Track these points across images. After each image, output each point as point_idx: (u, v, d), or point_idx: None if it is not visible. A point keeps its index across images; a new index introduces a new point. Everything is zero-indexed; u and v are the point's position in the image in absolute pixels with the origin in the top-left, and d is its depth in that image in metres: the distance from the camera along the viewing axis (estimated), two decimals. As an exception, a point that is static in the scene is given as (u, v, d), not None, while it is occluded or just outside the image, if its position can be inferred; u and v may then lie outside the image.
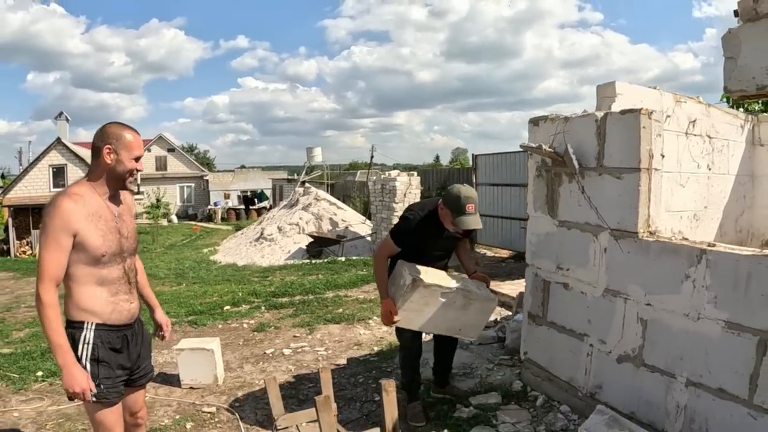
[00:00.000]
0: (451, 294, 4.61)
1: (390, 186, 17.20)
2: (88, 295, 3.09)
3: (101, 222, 3.07)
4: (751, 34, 3.37)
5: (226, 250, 20.30)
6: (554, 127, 4.90)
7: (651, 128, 4.14)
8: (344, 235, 18.76)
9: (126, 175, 3.16)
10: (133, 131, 3.19)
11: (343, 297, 10.92)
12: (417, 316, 4.64)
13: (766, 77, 3.30)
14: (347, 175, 42.57)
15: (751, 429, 3.36)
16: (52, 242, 2.94)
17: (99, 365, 3.09)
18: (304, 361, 6.93)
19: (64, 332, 2.99)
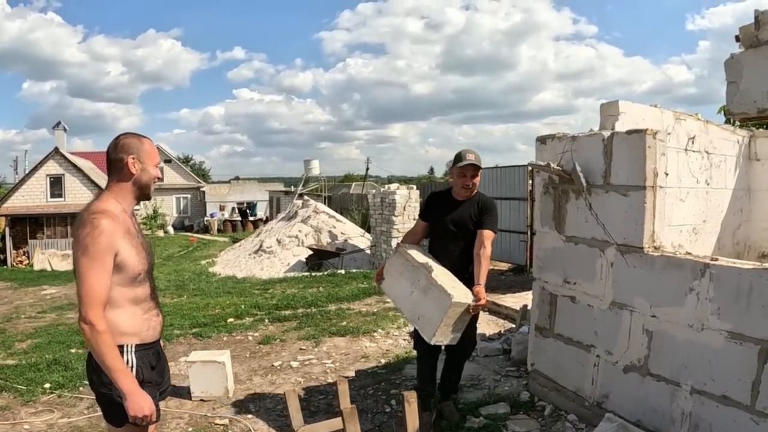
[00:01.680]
0: (416, 269, 4.78)
1: (390, 199, 17.33)
2: (126, 317, 2.97)
3: (133, 239, 2.98)
4: (753, 60, 3.53)
5: (224, 262, 20.34)
6: (562, 145, 5.06)
7: (656, 148, 4.29)
8: (344, 248, 18.82)
9: (151, 184, 3.11)
10: (149, 139, 3.15)
11: (345, 310, 11.00)
12: (394, 284, 5.05)
13: (767, 101, 3.45)
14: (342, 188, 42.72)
15: (753, 434, 3.50)
16: (98, 264, 2.80)
17: (145, 386, 2.95)
18: (313, 374, 7.03)
19: (121, 357, 2.86)
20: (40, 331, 10.76)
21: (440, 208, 5.14)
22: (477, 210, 5.00)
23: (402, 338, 8.55)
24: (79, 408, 5.98)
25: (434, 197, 5.33)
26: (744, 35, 3.68)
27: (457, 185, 5.03)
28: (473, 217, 4.99)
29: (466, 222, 5.01)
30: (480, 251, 4.79)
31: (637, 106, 5.57)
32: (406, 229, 17.35)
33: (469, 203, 5.04)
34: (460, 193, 5.05)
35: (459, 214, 5.03)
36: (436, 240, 5.24)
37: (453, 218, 5.04)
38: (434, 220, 5.20)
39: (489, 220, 4.96)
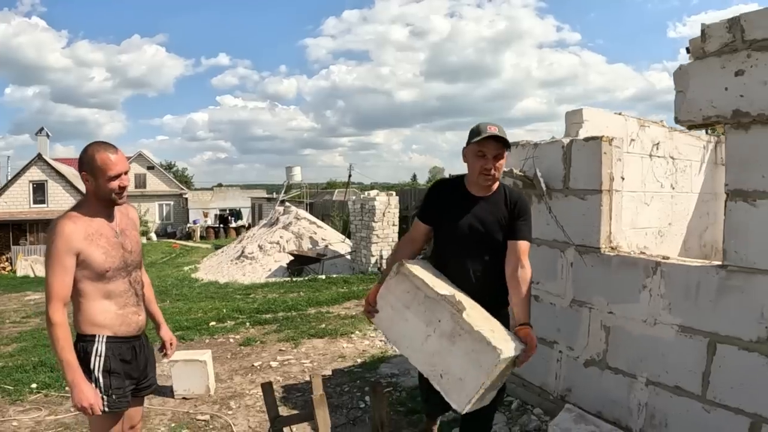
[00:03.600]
0: (434, 303, 3.27)
1: (369, 205, 17.60)
2: (98, 310, 3.22)
3: (102, 239, 3.19)
4: (699, 71, 3.77)
5: (207, 268, 20.48)
6: (525, 152, 5.29)
7: (612, 154, 4.54)
8: (324, 254, 19.02)
9: (110, 196, 3.24)
10: (105, 151, 3.21)
11: (325, 313, 11.24)
12: (396, 320, 3.48)
13: (710, 109, 3.70)
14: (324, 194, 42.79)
15: (704, 421, 3.75)
16: (56, 264, 3.05)
17: (111, 376, 3.22)
18: (291, 373, 7.25)
19: (73, 349, 3.09)
20: (25, 335, 10.92)
21: (451, 206, 3.65)
22: (507, 211, 3.59)
23: (378, 339, 8.77)
24: (65, 406, 6.12)
25: (441, 187, 3.84)
26: (693, 47, 3.91)
27: (474, 171, 3.53)
28: (502, 220, 3.58)
29: (491, 228, 3.58)
30: (518, 272, 3.44)
31: (601, 113, 5.82)
32: (386, 235, 17.59)
33: (494, 200, 3.61)
34: (478, 183, 3.56)
35: (481, 215, 3.58)
36: (446, 252, 3.71)
37: (472, 222, 3.59)
38: (443, 223, 3.68)
39: (525, 227, 3.59)
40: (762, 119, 3.45)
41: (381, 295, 3.59)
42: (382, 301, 3.58)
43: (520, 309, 3.40)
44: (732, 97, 3.60)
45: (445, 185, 3.88)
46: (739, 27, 3.56)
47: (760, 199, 3.45)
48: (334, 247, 19.85)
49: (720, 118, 3.68)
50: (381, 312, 3.59)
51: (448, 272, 3.64)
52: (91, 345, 3.18)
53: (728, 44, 3.64)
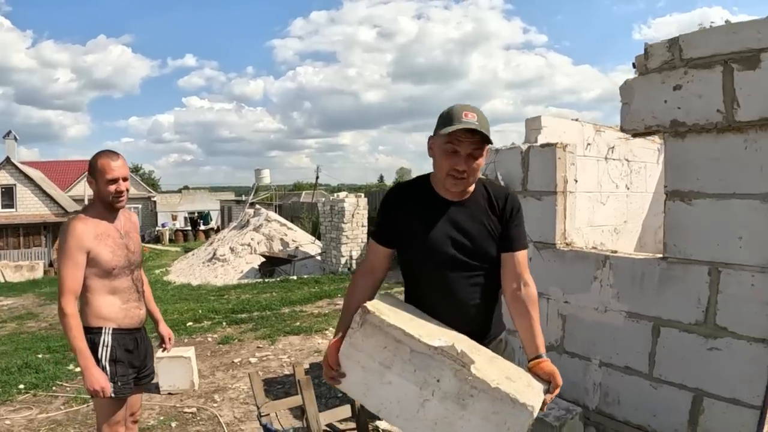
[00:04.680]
0: (427, 360, 2.40)
1: (339, 207, 17.96)
2: (104, 304, 3.52)
3: (110, 240, 3.53)
4: (641, 85, 4.23)
5: (178, 271, 20.61)
6: (487, 157, 5.71)
7: (565, 159, 4.98)
8: (295, 255, 19.27)
9: (108, 198, 3.56)
10: (107, 157, 3.55)
11: (298, 312, 11.59)
12: (371, 382, 2.52)
13: (652, 119, 4.17)
14: (292, 196, 42.93)
15: (652, 397, 4.22)
16: (69, 260, 3.35)
17: (116, 365, 3.53)
18: (271, 367, 7.61)
19: (84, 338, 3.37)
20: (4, 339, 11.12)
21: (419, 217, 2.76)
22: (494, 213, 2.78)
23: None
24: (55, 404, 6.41)
25: (400, 194, 2.89)
26: (638, 63, 4.38)
27: (441, 171, 2.67)
28: (491, 227, 2.75)
29: (480, 240, 2.74)
30: (522, 292, 2.70)
31: (559, 120, 6.25)
32: (356, 236, 17.91)
33: (474, 203, 2.78)
34: (447, 186, 2.69)
35: (462, 224, 2.74)
36: (420, 280, 2.83)
37: (452, 234, 2.72)
38: (412, 242, 2.77)
39: (521, 232, 2.82)
40: (696, 128, 3.94)
41: (345, 354, 2.54)
42: (349, 361, 2.54)
43: (532, 338, 2.64)
44: (671, 109, 4.08)
45: (406, 190, 2.89)
46: (678, 47, 4.05)
47: (694, 198, 3.93)
48: (304, 249, 20.11)
49: (660, 128, 4.17)
50: (349, 375, 2.55)
51: (427, 306, 2.75)
52: (99, 336, 3.47)
53: (668, 62, 4.12)
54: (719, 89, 3.84)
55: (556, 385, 2.51)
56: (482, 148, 2.65)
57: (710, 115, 3.88)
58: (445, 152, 2.63)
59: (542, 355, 2.63)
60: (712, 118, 3.87)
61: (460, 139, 2.58)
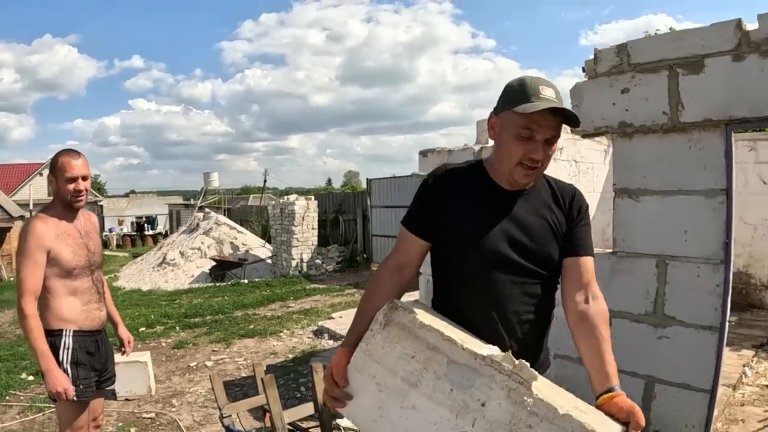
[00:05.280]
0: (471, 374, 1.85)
1: (289, 210, 17.99)
2: (65, 306, 3.51)
3: (70, 239, 3.52)
4: (590, 88, 4.41)
5: (128, 277, 20.38)
6: (440, 157, 5.84)
7: (517, 159, 5.13)
8: (246, 258, 19.20)
9: (67, 197, 3.55)
10: (68, 155, 3.57)
11: (251, 315, 11.60)
12: (387, 406, 1.98)
13: (601, 121, 4.35)
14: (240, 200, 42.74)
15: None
16: (29, 259, 3.32)
17: (78, 367, 3.51)
18: (227, 370, 7.62)
19: (45, 340, 3.38)
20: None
21: (469, 206, 2.25)
22: (558, 207, 2.30)
23: (306, 336, 9.34)
24: (10, 414, 6.31)
25: (448, 176, 2.34)
26: (587, 67, 4.57)
27: (510, 158, 2.15)
28: (555, 226, 2.26)
29: (543, 240, 2.23)
30: (591, 308, 2.16)
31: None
32: (306, 238, 17.97)
33: (536, 195, 2.28)
34: (515, 177, 2.18)
35: (524, 220, 2.23)
36: (460, 287, 2.26)
37: (511, 231, 2.21)
38: (457, 235, 2.24)
39: (589, 235, 2.33)
40: (643, 129, 4.13)
41: (358, 366, 2.05)
42: (361, 376, 2.03)
43: (601, 366, 2.03)
44: (618, 111, 4.27)
45: (456, 172, 2.35)
46: (625, 52, 4.25)
47: (641, 195, 4.12)
48: (254, 252, 20.07)
49: (608, 129, 4.35)
50: (358, 396, 2.05)
51: (465, 318, 2.17)
52: (60, 339, 3.46)
53: (616, 66, 4.31)
54: (665, 92, 4.05)
55: (637, 425, 1.85)
56: (559, 133, 2.17)
57: (656, 117, 4.09)
58: (518, 137, 2.11)
59: (615, 387, 1.96)
60: (658, 119, 4.08)
61: (540, 122, 2.08)
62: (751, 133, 9.93)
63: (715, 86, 3.90)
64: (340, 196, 23.40)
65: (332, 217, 20.99)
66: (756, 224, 9.53)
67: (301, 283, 15.96)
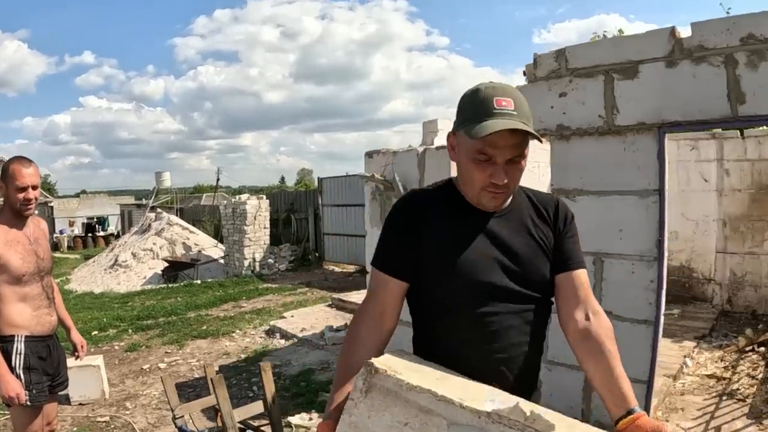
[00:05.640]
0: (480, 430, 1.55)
1: (241, 209, 18.02)
2: (15, 312, 3.57)
3: (19, 246, 3.60)
4: (530, 91, 4.60)
5: (79, 279, 20.16)
6: (385, 158, 5.99)
7: (459, 160, 5.28)
8: (198, 259, 19.15)
9: (16, 206, 3.63)
10: (19, 163, 3.62)
11: (204, 316, 11.68)
12: None
13: (539, 123, 4.55)
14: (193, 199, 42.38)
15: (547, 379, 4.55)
16: None
17: (31, 372, 3.60)
18: (180, 372, 7.76)
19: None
20: None
21: (447, 234, 2.04)
22: (543, 221, 2.14)
23: (258, 336, 9.53)
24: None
25: (420, 203, 2.12)
26: (528, 72, 4.76)
27: (472, 182, 1.98)
28: (543, 240, 2.10)
29: (531, 259, 2.06)
30: (593, 322, 1.97)
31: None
32: (258, 238, 18.01)
33: (517, 212, 2.11)
34: (481, 201, 2.02)
35: (507, 240, 2.05)
36: (452, 324, 2.01)
37: (495, 254, 2.02)
38: (443, 272, 2.01)
39: (578, 244, 2.17)
40: (579, 132, 4.33)
41: None
42: None
43: (617, 387, 1.83)
44: (557, 114, 4.47)
45: (427, 198, 2.12)
46: (564, 57, 4.45)
47: (578, 195, 4.33)
48: (207, 252, 20.01)
49: (547, 131, 4.54)
50: None
51: (457, 360, 1.91)
52: (11, 344, 3.52)
53: (555, 71, 4.51)
54: (601, 97, 4.26)
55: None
56: (525, 149, 1.91)
57: (592, 120, 4.28)
58: (475, 161, 1.90)
59: (636, 408, 1.77)
60: (594, 122, 4.28)
61: (496, 145, 1.85)
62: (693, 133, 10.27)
63: (648, 91, 4.11)
64: (292, 195, 23.41)
65: (284, 216, 21.02)
66: (698, 220, 9.89)
67: (254, 282, 16.04)
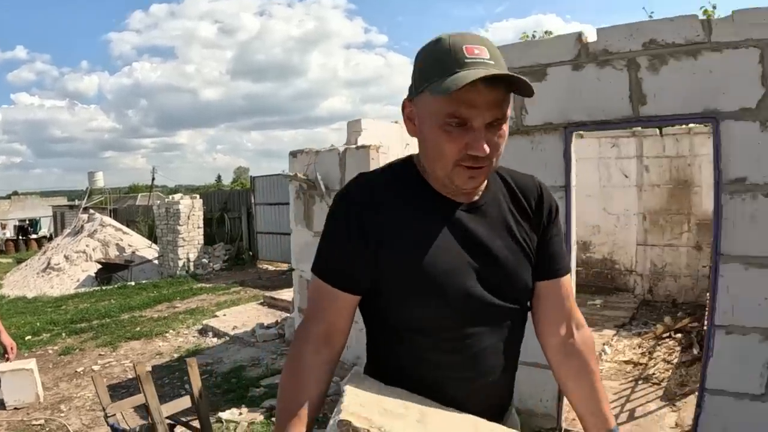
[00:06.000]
0: None
1: (174, 209, 18.03)
2: None
3: None
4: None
5: (12, 284, 19.90)
6: (308, 158, 6.25)
7: (378, 159, 5.58)
8: (132, 260, 19.10)
9: None
10: None
11: (138, 317, 11.77)
12: None
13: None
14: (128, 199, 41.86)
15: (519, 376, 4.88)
16: None
17: None
18: (114, 373, 7.90)
19: None
20: None
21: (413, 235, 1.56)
22: (523, 214, 1.73)
23: (191, 335, 9.73)
24: None
25: (372, 195, 1.59)
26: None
27: (443, 159, 1.48)
28: (525, 240, 1.70)
29: (516, 265, 1.66)
30: (577, 338, 1.78)
31: (379, 122, 6.90)
32: (192, 237, 18.07)
33: (492, 201, 1.68)
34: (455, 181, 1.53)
35: (487, 243, 1.61)
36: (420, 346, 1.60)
37: (477, 264, 1.59)
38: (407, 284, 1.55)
39: (562, 243, 1.82)
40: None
41: None
42: None
43: (598, 407, 1.71)
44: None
45: (380, 188, 1.63)
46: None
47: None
48: (141, 253, 19.94)
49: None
50: None
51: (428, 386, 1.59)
52: None
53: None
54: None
55: None
56: (507, 108, 1.50)
57: (502, 121, 4.61)
58: (445, 130, 1.44)
59: (615, 429, 1.68)
60: (504, 123, 4.60)
61: (473, 102, 1.41)
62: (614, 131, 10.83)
63: (556, 93, 4.46)
64: (226, 194, 23.43)
65: (218, 216, 21.03)
66: (619, 214, 10.41)
67: (188, 282, 16.13)
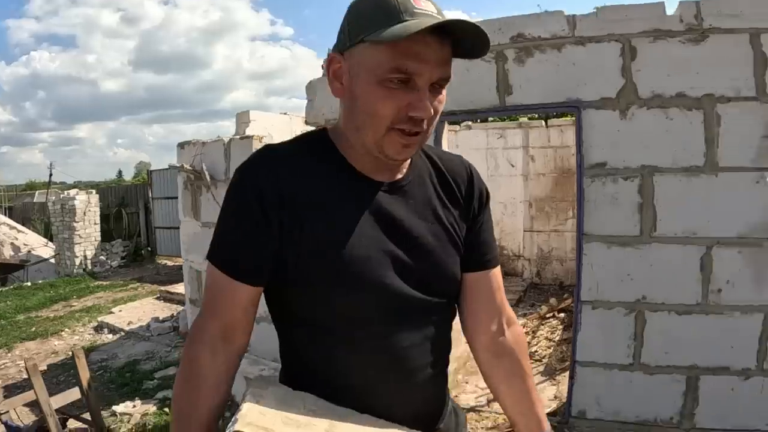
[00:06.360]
0: None
1: (69, 205, 17.65)
2: None
3: None
4: (323, 84, 5.01)
5: None
6: (195, 149, 6.27)
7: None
8: (28, 260, 18.63)
9: None
10: None
11: (34, 318, 11.57)
12: None
13: (330, 114, 4.98)
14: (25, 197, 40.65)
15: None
16: None
17: None
18: (10, 374, 7.81)
19: None
20: None
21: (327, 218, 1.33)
22: (451, 198, 1.51)
23: (87, 333, 9.68)
24: None
25: (279, 170, 1.33)
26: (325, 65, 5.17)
27: (379, 119, 1.28)
28: (453, 227, 1.49)
29: (444, 256, 1.46)
30: (508, 336, 1.59)
31: (267, 115, 6.99)
32: (88, 234, 17.78)
33: (417, 181, 1.47)
34: (386, 151, 1.32)
35: (411, 229, 1.40)
36: (336, 345, 1.37)
37: (398, 253, 1.37)
38: (318, 276, 1.32)
39: (492, 232, 1.62)
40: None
41: None
42: None
43: (530, 409, 1.54)
44: (344, 105, 4.88)
45: (288, 162, 1.38)
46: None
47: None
48: (37, 252, 19.47)
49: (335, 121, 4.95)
50: None
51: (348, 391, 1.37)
52: None
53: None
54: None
55: None
56: (449, 72, 1.31)
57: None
58: (385, 83, 1.27)
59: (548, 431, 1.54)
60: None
61: (422, 55, 1.24)
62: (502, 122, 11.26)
63: (426, 83, 4.58)
64: (123, 189, 23.09)
65: (115, 211, 20.71)
66: (506, 202, 10.93)
67: (86, 281, 15.91)
